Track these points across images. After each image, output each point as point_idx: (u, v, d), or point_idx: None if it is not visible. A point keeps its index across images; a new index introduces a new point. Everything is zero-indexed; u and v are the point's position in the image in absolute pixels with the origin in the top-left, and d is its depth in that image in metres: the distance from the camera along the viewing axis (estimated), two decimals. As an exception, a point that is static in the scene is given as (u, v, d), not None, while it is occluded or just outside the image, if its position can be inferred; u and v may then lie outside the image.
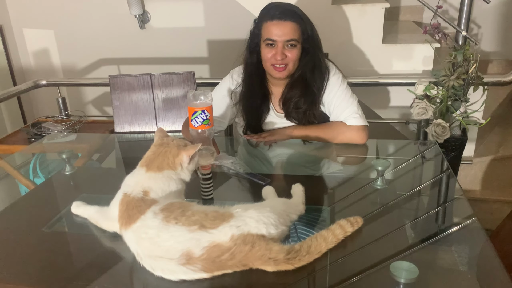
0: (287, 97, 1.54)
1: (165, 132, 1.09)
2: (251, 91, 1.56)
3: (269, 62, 1.47)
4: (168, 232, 0.86)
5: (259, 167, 1.50)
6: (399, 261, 0.85)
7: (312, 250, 0.87)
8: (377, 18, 2.15)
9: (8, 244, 1.04)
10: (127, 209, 0.92)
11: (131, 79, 1.84)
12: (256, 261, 0.85)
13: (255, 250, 0.84)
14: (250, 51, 1.53)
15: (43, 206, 1.24)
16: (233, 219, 0.87)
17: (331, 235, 0.91)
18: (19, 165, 1.69)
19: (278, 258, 0.84)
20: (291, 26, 1.41)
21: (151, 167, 0.99)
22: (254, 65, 1.53)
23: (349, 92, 1.55)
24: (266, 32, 1.44)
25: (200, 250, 0.83)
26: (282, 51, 1.43)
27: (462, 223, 1.06)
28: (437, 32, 1.91)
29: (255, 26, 1.50)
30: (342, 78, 1.55)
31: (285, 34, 1.41)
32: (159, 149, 1.02)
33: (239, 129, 1.69)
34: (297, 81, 1.52)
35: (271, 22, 1.41)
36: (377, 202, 1.18)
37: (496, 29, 2.78)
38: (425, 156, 1.49)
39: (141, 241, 0.88)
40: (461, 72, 1.80)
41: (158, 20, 3.04)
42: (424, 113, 1.85)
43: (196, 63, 3.09)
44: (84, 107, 3.29)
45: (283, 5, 1.45)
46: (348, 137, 1.51)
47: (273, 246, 0.86)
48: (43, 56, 3.31)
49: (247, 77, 1.56)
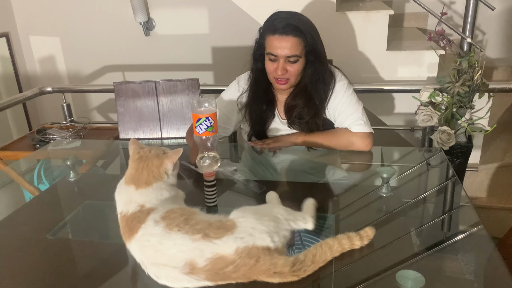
0: (290, 106, 1.54)
1: (139, 143, 1.07)
2: (257, 97, 1.56)
3: (272, 75, 1.48)
4: (171, 240, 0.86)
5: (263, 173, 1.50)
6: (405, 270, 0.85)
7: (317, 259, 0.86)
8: (382, 25, 2.15)
9: (12, 251, 1.04)
10: (127, 224, 0.92)
11: (135, 85, 1.85)
12: (261, 275, 0.84)
13: (259, 264, 0.84)
14: (255, 59, 1.54)
15: (47, 213, 1.24)
16: (236, 229, 0.87)
17: (336, 244, 0.90)
18: (24, 171, 1.69)
19: (283, 271, 0.84)
20: (293, 42, 1.40)
21: (140, 184, 0.97)
22: (259, 72, 1.54)
23: (355, 98, 1.54)
24: (268, 45, 1.44)
25: (203, 261, 0.82)
26: (283, 66, 1.43)
27: (468, 230, 1.05)
28: (442, 38, 1.90)
29: (260, 36, 1.50)
30: (348, 84, 1.54)
31: (286, 49, 1.40)
32: (140, 164, 0.99)
33: (244, 135, 1.69)
34: (300, 92, 1.52)
35: (273, 36, 1.41)
36: (382, 210, 1.18)
37: (501, 36, 2.77)
38: (431, 163, 1.49)
39: (144, 249, 0.88)
40: (466, 78, 1.80)
41: (163, 27, 3.06)
42: (429, 120, 1.84)
43: (200, 69, 3.10)
44: (88, 113, 3.31)
45: (287, 18, 1.43)
46: (353, 144, 1.50)
47: (278, 260, 0.85)
48: (48, 63, 3.33)
49: (253, 84, 1.57)
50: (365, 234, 0.95)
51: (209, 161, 1.14)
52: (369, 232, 0.95)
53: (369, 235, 0.95)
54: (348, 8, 2.23)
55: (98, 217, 1.25)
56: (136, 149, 1.04)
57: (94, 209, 1.28)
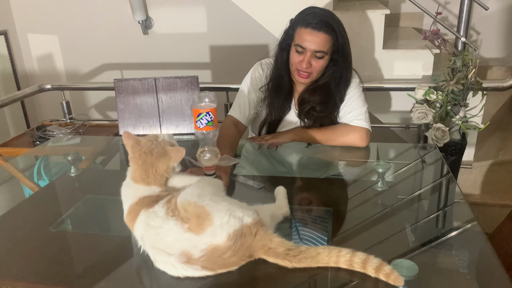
0: (305, 99, 1.56)
1: (134, 137, 1.02)
2: (279, 86, 1.57)
3: (295, 66, 1.49)
4: (168, 224, 0.88)
5: (263, 169, 1.52)
6: (399, 259, 0.87)
7: (317, 258, 0.85)
8: (378, 24, 2.17)
9: (16, 242, 1.06)
10: (141, 203, 0.94)
11: (135, 82, 1.87)
12: (258, 250, 0.86)
13: (257, 239, 0.86)
14: (281, 48, 1.55)
15: (50, 206, 1.26)
16: (213, 217, 0.87)
17: (347, 260, 0.84)
18: (23, 167, 1.71)
19: (278, 251, 0.85)
20: (323, 38, 1.42)
21: (149, 182, 0.98)
22: (283, 62, 1.55)
23: (362, 97, 1.57)
24: (298, 37, 1.45)
25: (199, 253, 0.84)
26: (309, 59, 1.45)
27: (462, 227, 1.07)
28: (437, 38, 1.93)
29: (290, 26, 1.51)
30: (359, 83, 1.58)
31: (316, 44, 1.42)
32: (144, 167, 0.98)
33: (252, 127, 1.71)
34: (320, 88, 1.54)
35: (305, 29, 1.43)
36: (378, 203, 1.20)
37: (495, 36, 2.81)
38: (426, 160, 1.51)
39: (148, 229, 0.89)
40: (460, 77, 1.83)
41: (161, 26, 3.07)
42: (424, 118, 1.87)
43: (198, 68, 3.12)
44: (87, 111, 3.32)
45: (321, 14, 1.45)
46: (350, 138, 1.52)
47: (272, 236, 0.87)
48: (47, 61, 3.34)
49: (276, 73, 1.58)
50: (383, 272, 0.81)
51: (209, 155, 1.16)
52: (394, 277, 0.80)
53: (393, 279, 0.80)
54: (345, 8, 2.26)
55: (100, 211, 1.26)
56: (135, 147, 1.00)
57: (95, 203, 1.29)
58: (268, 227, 0.91)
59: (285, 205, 1.06)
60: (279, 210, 1.03)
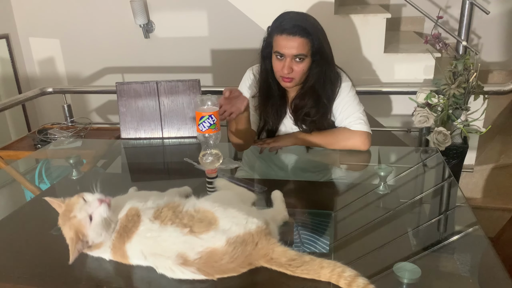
0: (298, 105, 1.57)
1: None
2: (268, 94, 1.58)
3: (278, 73, 1.51)
4: (167, 231, 0.88)
5: (264, 173, 1.52)
6: (402, 262, 0.87)
7: (321, 273, 0.83)
8: (379, 28, 2.18)
9: (17, 246, 1.05)
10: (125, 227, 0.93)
11: (137, 86, 1.87)
12: (259, 259, 0.86)
13: (258, 248, 0.85)
14: (264, 57, 1.56)
15: (50, 210, 1.25)
16: (219, 221, 0.87)
17: (348, 283, 0.80)
18: (25, 171, 1.71)
19: (280, 261, 0.84)
20: (300, 42, 1.43)
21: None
22: (268, 70, 1.56)
23: (357, 100, 1.58)
24: (276, 44, 1.47)
25: (194, 254, 0.84)
26: (289, 64, 1.46)
27: (464, 231, 1.07)
28: (438, 42, 1.94)
29: (268, 34, 1.53)
30: (352, 86, 1.58)
31: (293, 49, 1.43)
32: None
33: None
34: (308, 92, 1.54)
35: (281, 36, 1.44)
36: (379, 207, 1.20)
37: (496, 40, 2.81)
38: (427, 164, 1.51)
39: (145, 241, 0.89)
40: (462, 81, 1.83)
41: (163, 30, 3.08)
42: (426, 121, 1.88)
43: (199, 72, 3.12)
44: (88, 115, 3.32)
45: (295, 18, 1.46)
46: (351, 142, 1.52)
47: (275, 246, 0.86)
48: (48, 65, 3.35)
49: (263, 82, 1.59)
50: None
51: (212, 158, 1.16)
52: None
53: None
54: (346, 12, 2.26)
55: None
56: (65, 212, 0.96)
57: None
58: (273, 235, 0.90)
59: (283, 210, 1.05)
60: (278, 214, 1.03)
